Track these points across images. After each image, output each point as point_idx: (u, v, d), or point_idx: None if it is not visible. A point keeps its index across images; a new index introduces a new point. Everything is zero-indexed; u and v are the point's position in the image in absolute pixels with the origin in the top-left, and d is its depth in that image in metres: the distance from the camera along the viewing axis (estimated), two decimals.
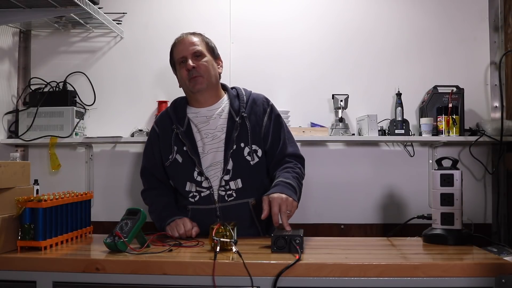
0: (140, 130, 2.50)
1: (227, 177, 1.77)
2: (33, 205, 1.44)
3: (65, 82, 2.57)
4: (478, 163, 2.52)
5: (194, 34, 1.88)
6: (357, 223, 2.56)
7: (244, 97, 1.85)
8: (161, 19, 2.63)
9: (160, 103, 2.54)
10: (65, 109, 2.46)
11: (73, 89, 2.57)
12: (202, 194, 1.79)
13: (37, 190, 2.07)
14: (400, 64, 2.58)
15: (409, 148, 2.56)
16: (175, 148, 1.82)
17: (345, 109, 2.48)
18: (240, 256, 1.30)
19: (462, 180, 1.59)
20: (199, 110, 1.86)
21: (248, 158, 1.79)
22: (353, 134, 2.52)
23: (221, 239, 1.37)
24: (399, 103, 2.45)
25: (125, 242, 1.40)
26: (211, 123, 1.83)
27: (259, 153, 1.81)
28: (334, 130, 2.45)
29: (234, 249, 1.35)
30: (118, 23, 2.58)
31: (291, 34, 2.60)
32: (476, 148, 2.51)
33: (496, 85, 2.54)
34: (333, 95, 2.48)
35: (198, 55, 1.82)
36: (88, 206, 1.74)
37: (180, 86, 1.91)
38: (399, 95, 2.46)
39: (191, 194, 1.80)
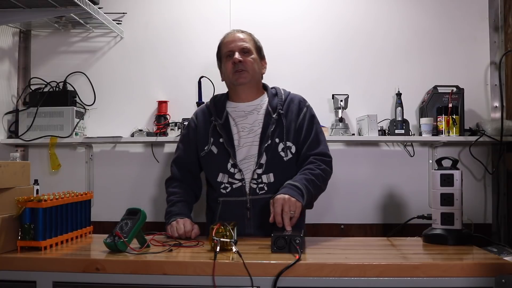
0: (140, 130, 2.50)
1: (259, 171, 1.80)
2: (33, 205, 1.44)
3: (65, 82, 2.57)
4: (478, 163, 2.52)
5: (244, 32, 1.94)
6: (357, 223, 2.55)
7: (283, 96, 1.92)
8: (161, 19, 2.63)
9: (160, 103, 2.54)
10: (65, 109, 2.46)
11: (73, 89, 2.57)
12: (234, 186, 1.82)
13: (37, 190, 2.07)
14: (400, 64, 2.58)
15: (409, 148, 2.56)
16: (212, 139, 1.86)
17: (345, 109, 2.48)
18: (240, 256, 1.30)
19: (462, 180, 1.59)
20: (238, 105, 1.91)
21: (282, 154, 1.82)
22: (353, 134, 2.52)
23: (221, 239, 1.38)
24: (399, 103, 2.45)
25: (125, 242, 1.40)
26: (248, 118, 1.88)
27: (293, 150, 1.84)
28: (334, 130, 2.45)
29: (234, 249, 1.36)
30: (118, 23, 2.57)
31: (291, 34, 2.60)
32: (476, 148, 2.51)
33: (496, 85, 2.54)
34: (333, 95, 2.48)
35: (245, 51, 1.88)
36: (88, 206, 1.74)
37: (222, 80, 1.96)
38: (399, 95, 2.46)
39: (222, 185, 1.83)
